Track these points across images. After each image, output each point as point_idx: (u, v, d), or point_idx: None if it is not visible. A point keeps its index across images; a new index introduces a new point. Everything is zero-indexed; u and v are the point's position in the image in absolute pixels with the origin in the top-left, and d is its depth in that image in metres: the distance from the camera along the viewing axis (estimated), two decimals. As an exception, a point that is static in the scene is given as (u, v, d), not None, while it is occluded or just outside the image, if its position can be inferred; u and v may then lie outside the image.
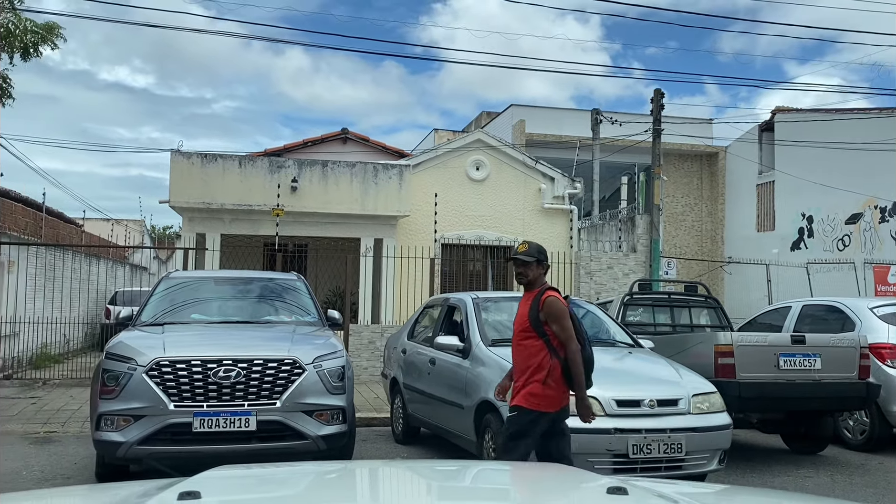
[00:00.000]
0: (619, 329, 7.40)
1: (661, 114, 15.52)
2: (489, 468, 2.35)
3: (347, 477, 1.97)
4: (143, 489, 1.74)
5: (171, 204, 13.90)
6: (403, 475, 2.03)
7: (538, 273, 4.77)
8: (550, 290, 4.69)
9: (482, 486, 1.96)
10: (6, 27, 9.21)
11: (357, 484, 1.88)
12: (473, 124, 28.78)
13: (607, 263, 15.77)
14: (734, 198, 22.50)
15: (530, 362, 4.63)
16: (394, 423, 8.51)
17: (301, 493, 1.75)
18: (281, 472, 2.07)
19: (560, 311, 4.58)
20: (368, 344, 13.57)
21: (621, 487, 1.57)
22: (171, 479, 1.80)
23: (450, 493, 1.85)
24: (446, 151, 15.95)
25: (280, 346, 5.92)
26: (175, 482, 1.67)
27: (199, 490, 1.45)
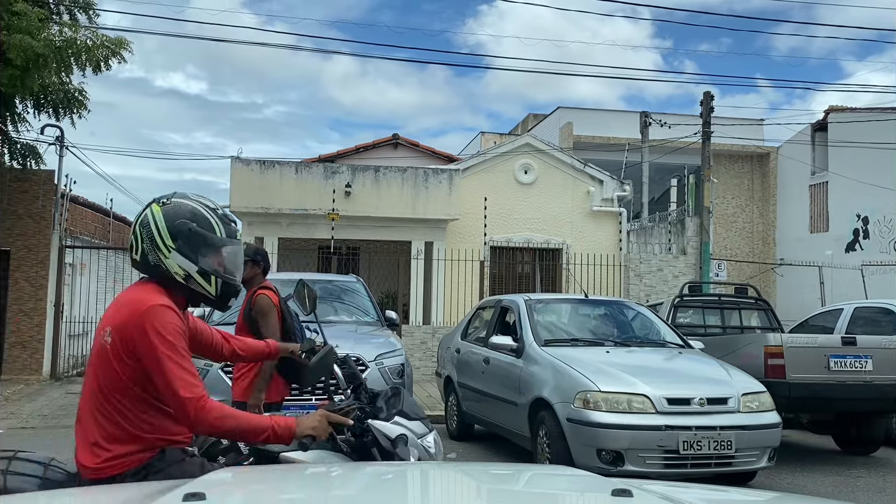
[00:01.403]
0: (669, 330, 7.57)
1: (710, 116, 15.51)
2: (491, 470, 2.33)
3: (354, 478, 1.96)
4: (148, 490, 1.72)
5: (231, 209, 14.44)
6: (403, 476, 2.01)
7: (254, 272, 4.90)
8: (262, 289, 4.80)
9: (483, 487, 1.96)
10: (84, 43, 9.81)
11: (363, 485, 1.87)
12: (520, 127, 28.97)
13: (657, 266, 15.82)
14: (786, 199, 22.22)
15: None
16: (448, 421, 8.80)
17: (305, 494, 1.76)
18: (285, 473, 2.06)
19: (266, 308, 4.70)
20: (420, 344, 13.90)
21: (626, 490, 1.56)
22: (176, 481, 1.81)
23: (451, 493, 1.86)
24: (494, 156, 16.20)
25: (344, 343, 6.25)
26: (180, 483, 1.67)
27: (203, 491, 1.43)
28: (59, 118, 11.02)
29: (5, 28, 8.87)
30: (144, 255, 2.29)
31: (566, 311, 7.88)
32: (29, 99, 10.31)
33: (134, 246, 2.31)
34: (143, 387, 2.19)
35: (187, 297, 2.34)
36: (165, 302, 2.22)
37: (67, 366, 13.22)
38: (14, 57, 8.79)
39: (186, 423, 2.20)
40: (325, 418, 2.30)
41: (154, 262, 2.28)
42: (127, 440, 2.19)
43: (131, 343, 2.16)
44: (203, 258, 2.30)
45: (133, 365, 2.17)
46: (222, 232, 2.34)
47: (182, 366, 2.15)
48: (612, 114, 23.73)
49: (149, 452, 2.21)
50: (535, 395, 6.33)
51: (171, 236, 2.27)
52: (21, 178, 12.17)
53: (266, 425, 2.20)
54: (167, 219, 2.29)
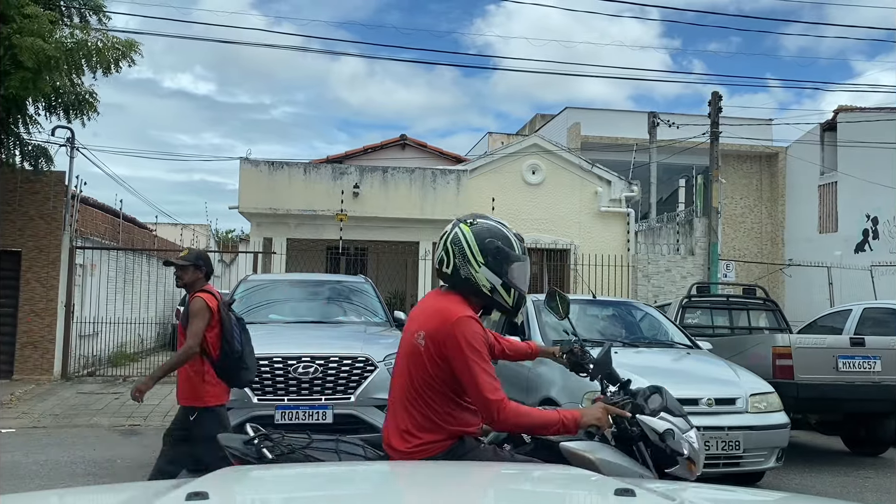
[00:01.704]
0: (677, 331, 7.58)
1: (718, 117, 15.49)
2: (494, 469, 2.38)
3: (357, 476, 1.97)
4: (151, 489, 1.75)
5: (240, 210, 14.54)
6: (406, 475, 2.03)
7: (195, 277, 4.94)
8: (201, 293, 4.85)
9: (487, 486, 1.97)
10: (95, 45, 9.89)
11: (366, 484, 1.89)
12: (528, 127, 28.97)
13: (665, 266, 15.81)
14: (795, 199, 22.16)
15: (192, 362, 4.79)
16: (456, 421, 8.83)
17: (308, 493, 1.77)
18: (288, 472, 2.09)
19: (198, 311, 4.73)
20: (428, 345, 13.93)
21: (629, 489, 1.56)
22: (179, 480, 1.89)
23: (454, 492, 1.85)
24: (502, 156, 16.23)
25: (353, 344, 6.31)
26: (183, 482, 1.69)
27: (206, 490, 1.46)
28: (70, 120, 11.11)
29: (17, 31, 8.95)
30: (456, 269, 2.60)
31: (574, 311, 7.87)
32: (40, 101, 10.39)
33: (445, 261, 2.63)
34: (449, 385, 2.52)
35: (485, 306, 2.66)
36: (470, 313, 2.53)
37: (78, 366, 13.31)
38: (26, 59, 8.86)
39: (490, 421, 2.50)
40: (606, 411, 2.56)
41: (465, 275, 2.59)
42: (434, 429, 2.52)
43: (443, 348, 2.47)
44: (506, 273, 2.61)
45: (443, 366, 2.49)
46: (518, 249, 2.66)
47: (487, 371, 2.46)
48: (620, 114, 23.72)
49: (450, 440, 2.53)
50: (544, 396, 6.35)
51: (481, 253, 2.59)
52: (32, 179, 12.27)
53: (556, 419, 2.48)
54: (477, 237, 2.61)
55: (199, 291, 4.88)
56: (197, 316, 4.71)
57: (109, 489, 1.87)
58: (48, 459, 7.29)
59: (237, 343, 4.81)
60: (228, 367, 4.79)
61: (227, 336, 4.77)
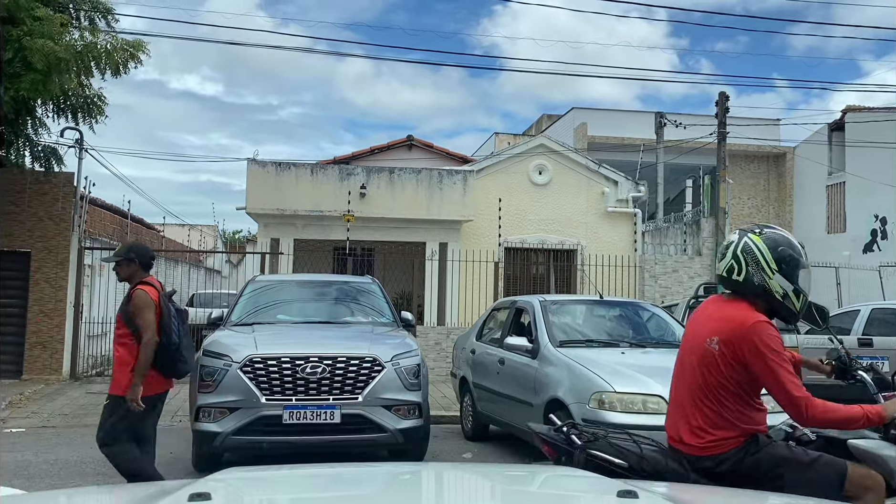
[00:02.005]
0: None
1: (725, 117, 15.47)
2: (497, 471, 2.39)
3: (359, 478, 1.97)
4: (154, 490, 1.76)
5: (247, 211, 14.60)
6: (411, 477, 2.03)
7: (133, 270, 5.02)
8: (141, 285, 4.91)
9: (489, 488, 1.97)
10: (104, 47, 9.95)
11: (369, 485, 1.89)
12: (534, 127, 28.99)
13: (672, 267, 15.79)
14: (803, 199, 22.11)
15: (121, 352, 4.90)
16: (463, 421, 8.85)
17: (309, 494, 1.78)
18: (289, 474, 2.09)
19: (142, 304, 4.80)
20: (435, 345, 13.96)
21: (631, 491, 1.56)
22: (182, 481, 1.86)
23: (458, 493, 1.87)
24: (509, 157, 16.24)
25: (360, 344, 6.34)
26: (186, 483, 1.69)
27: (208, 491, 1.46)
28: (78, 122, 11.18)
29: (27, 33, 9.02)
30: (749, 276, 2.75)
31: (581, 312, 7.91)
32: (49, 103, 10.46)
33: (736, 269, 2.77)
34: (742, 386, 2.68)
35: (770, 311, 2.78)
36: (764, 318, 2.69)
37: (87, 366, 13.38)
38: (36, 61, 8.93)
39: (799, 418, 2.65)
40: None
41: (758, 282, 2.74)
42: (727, 427, 2.68)
43: (739, 352, 2.63)
44: (796, 279, 2.76)
45: (738, 369, 2.65)
46: (804, 256, 2.80)
47: (788, 370, 2.61)
48: (627, 114, 23.72)
49: (743, 437, 2.68)
50: (551, 396, 6.36)
51: (774, 261, 2.73)
52: (41, 180, 12.35)
53: (860, 414, 2.64)
54: (769, 246, 2.75)
55: (139, 284, 4.94)
56: (144, 308, 4.79)
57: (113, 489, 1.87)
58: (58, 459, 7.33)
59: (175, 335, 4.90)
60: (166, 358, 4.88)
61: (166, 328, 4.86)
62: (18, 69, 9.16)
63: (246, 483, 1.89)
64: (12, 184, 12.35)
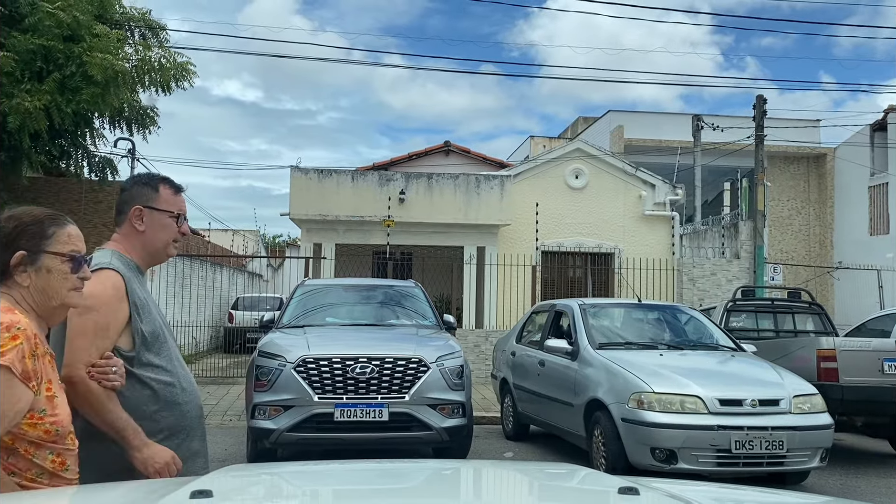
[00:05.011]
0: (722, 334, 7.71)
1: (763, 120, 15.45)
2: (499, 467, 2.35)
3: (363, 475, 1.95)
4: (156, 487, 1.74)
5: (291, 216, 15.01)
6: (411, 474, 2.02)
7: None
8: None
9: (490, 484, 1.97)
10: (159, 62, 10.43)
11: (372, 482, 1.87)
12: (570, 130, 29.06)
13: (710, 270, 15.80)
14: (844, 201, 21.84)
15: None
16: (504, 421, 9.08)
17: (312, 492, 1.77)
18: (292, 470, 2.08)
19: None
20: (474, 347, 14.19)
21: (633, 487, 1.55)
22: (184, 478, 1.86)
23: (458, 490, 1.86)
24: (545, 161, 16.41)
25: (407, 346, 6.61)
26: (188, 480, 1.69)
27: (210, 489, 1.46)
28: (132, 134, 11.70)
29: (87, 49, 9.51)
30: None
31: (619, 315, 8.08)
32: (106, 116, 10.97)
33: None
34: None
35: None
36: None
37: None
38: (96, 74, 9.41)
39: None
40: None
41: None
42: None
43: None
44: None
45: None
46: None
47: None
48: (664, 116, 23.67)
49: None
50: (591, 396, 6.56)
51: None
52: (96, 189, 12.92)
53: None
54: None
55: None
56: None
57: (114, 487, 1.84)
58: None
59: None
60: None
61: None
62: (79, 83, 9.65)
63: (248, 480, 1.88)
64: (69, 192, 12.95)
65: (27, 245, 1.92)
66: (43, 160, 12.15)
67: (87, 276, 2.03)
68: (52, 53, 9.55)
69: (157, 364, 2.29)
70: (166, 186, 2.42)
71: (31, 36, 9.41)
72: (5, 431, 1.77)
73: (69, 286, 1.97)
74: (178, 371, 2.36)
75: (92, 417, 2.13)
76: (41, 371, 1.84)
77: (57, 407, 1.88)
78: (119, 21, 10.87)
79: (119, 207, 2.42)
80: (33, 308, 1.93)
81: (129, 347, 2.25)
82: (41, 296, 1.94)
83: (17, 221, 1.94)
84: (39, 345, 1.86)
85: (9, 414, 1.75)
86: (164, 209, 2.39)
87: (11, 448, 1.82)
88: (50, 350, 1.95)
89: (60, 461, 1.90)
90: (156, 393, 2.27)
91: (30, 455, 1.84)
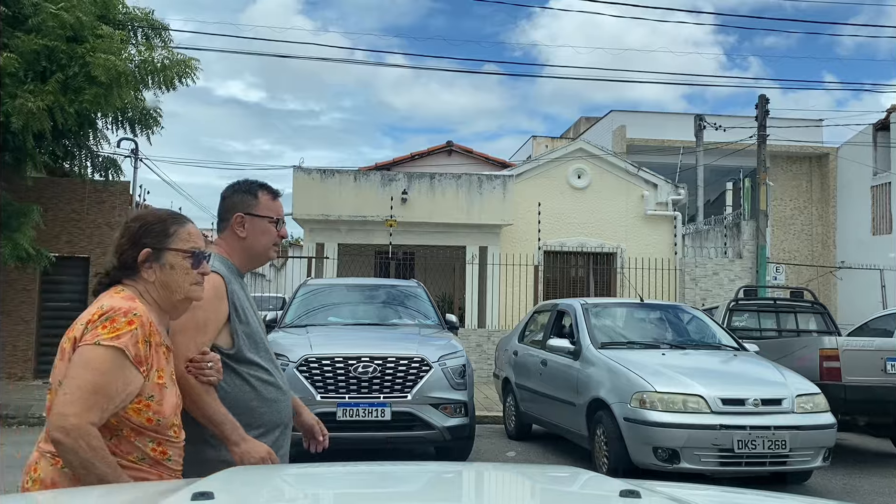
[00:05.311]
0: (725, 333, 7.71)
1: (766, 119, 15.44)
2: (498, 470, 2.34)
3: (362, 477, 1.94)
4: (157, 489, 1.75)
5: (294, 216, 15.03)
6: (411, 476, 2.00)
7: None
8: None
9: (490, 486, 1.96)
10: (162, 62, 10.44)
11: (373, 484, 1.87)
12: (572, 130, 29.04)
13: (713, 269, 15.80)
14: (847, 200, 21.81)
15: None
16: (506, 421, 9.08)
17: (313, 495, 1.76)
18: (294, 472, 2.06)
19: None
20: (476, 347, 14.20)
21: (634, 490, 1.54)
22: (186, 480, 1.86)
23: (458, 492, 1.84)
24: (547, 161, 16.41)
25: (409, 345, 6.63)
26: (190, 482, 1.68)
27: (212, 490, 1.45)
28: (136, 134, 11.71)
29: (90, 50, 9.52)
30: None
31: (622, 314, 8.09)
32: (109, 116, 10.98)
33: None
34: None
35: None
36: None
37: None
38: (99, 74, 9.42)
39: None
40: None
41: None
42: None
43: None
44: None
45: None
46: None
47: None
48: (666, 116, 23.64)
49: None
50: (593, 396, 6.57)
51: None
52: (99, 189, 12.93)
53: None
54: None
55: None
56: None
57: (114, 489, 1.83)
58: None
59: None
60: None
61: None
62: (82, 83, 9.66)
63: (250, 482, 1.85)
64: (73, 193, 12.97)
65: (152, 243, 2.07)
66: (47, 161, 12.16)
67: (206, 271, 2.14)
68: (56, 54, 9.56)
69: (257, 362, 2.38)
70: (265, 193, 2.51)
71: (34, 36, 9.41)
72: (114, 411, 1.90)
73: (191, 281, 2.09)
74: (275, 370, 2.46)
75: (192, 411, 2.21)
76: (153, 359, 1.97)
77: (164, 397, 2.00)
78: (122, 22, 10.87)
79: (221, 215, 2.53)
80: (156, 301, 2.06)
81: (229, 346, 2.34)
82: (165, 290, 2.07)
83: (142, 221, 2.11)
84: (155, 334, 1.99)
85: (118, 395, 1.88)
86: (263, 215, 2.48)
87: (116, 429, 1.94)
88: (167, 342, 2.07)
89: (161, 450, 2.01)
90: (256, 390, 2.36)
91: (131, 439, 1.97)
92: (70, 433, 1.82)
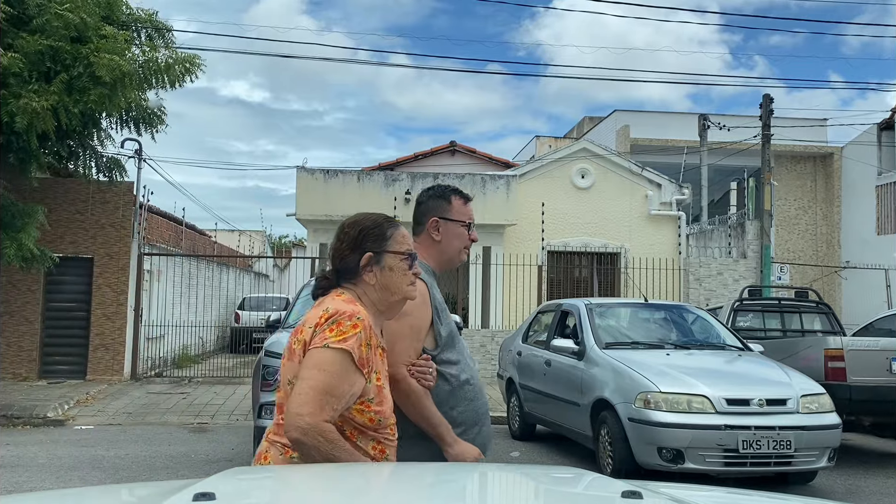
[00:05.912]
0: (729, 333, 7.69)
1: (770, 119, 15.40)
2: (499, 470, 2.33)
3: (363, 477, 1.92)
4: (159, 489, 1.73)
5: (297, 217, 15.04)
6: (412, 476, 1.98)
7: None
8: None
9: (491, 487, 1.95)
10: (166, 62, 10.45)
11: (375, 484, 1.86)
12: (575, 130, 29.02)
13: (717, 269, 15.77)
14: (851, 200, 21.76)
15: None
16: (510, 421, 9.08)
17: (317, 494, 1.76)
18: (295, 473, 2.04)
19: None
20: (479, 347, 14.20)
21: (636, 492, 1.53)
22: (187, 480, 1.88)
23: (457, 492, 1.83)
24: (551, 161, 16.40)
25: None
26: (191, 482, 1.67)
27: (213, 491, 1.45)
28: (140, 134, 11.72)
29: (94, 51, 9.54)
30: None
31: (626, 314, 8.08)
32: (114, 116, 10.99)
33: None
34: None
35: None
36: None
37: (146, 367, 13.94)
38: (103, 75, 9.44)
39: None
40: None
41: None
42: None
43: None
44: None
45: None
46: None
47: None
48: (670, 116, 23.61)
49: None
50: (597, 396, 6.55)
51: None
52: (103, 189, 12.94)
53: None
54: None
55: None
56: None
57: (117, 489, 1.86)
58: (128, 454, 7.77)
59: None
60: None
61: None
62: (86, 83, 9.68)
63: (251, 482, 1.87)
64: (77, 193, 12.98)
65: (372, 247, 2.14)
66: (51, 161, 12.17)
67: (418, 271, 2.21)
68: (60, 54, 9.58)
69: (455, 361, 2.43)
70: (457, 198, 2.60)
71: (38, 37, 9.43)
72: (340, 412, 1.97)
73: (408, 281, 2.16)
74: (472, 368, 2.51)
75: (411, 414, 2.28)
76: (373, 361, 2.03)
77: (383, 398, 2.07)
78: (126, 22, 10.89)
79: (417, 219, 2.63)
80: (374, 303, 2.13)
81: (433, 347, 2.40)
82: (384, 291, 2.13)
83: (360, 227, 2.17)
84: (374, 336, 2.05)
85: (345, 395, 1.96)
86: (457, 219, 2.57)
87: (340, 429, 1.99)
88: (383, 344, 2.13)
89: (381, 449, 2.08)
90: (453, 389, 2.41)
91: (354, 439, 2.03)
92: (308, 433, 1.90)
